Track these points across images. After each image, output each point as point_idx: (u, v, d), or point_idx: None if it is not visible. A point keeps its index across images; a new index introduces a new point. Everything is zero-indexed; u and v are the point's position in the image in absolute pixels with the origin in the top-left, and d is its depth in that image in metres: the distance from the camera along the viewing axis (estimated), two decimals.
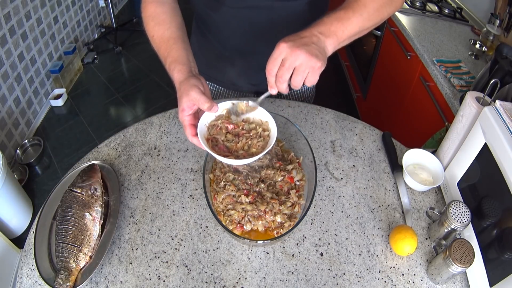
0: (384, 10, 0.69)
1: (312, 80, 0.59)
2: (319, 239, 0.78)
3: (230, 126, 0.71)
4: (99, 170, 0.81)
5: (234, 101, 0.72)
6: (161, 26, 0.76)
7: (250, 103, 0.71)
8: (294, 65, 0.57)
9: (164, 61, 0.73)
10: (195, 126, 0.66)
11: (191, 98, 0.63)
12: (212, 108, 0.65)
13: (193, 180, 0.87)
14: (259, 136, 0.71)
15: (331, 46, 0.62)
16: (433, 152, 0.92)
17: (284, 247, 0.76)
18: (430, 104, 1.49)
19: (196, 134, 0.65)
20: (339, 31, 0.63)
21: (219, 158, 0.65)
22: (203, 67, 0.74)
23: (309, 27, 0.62)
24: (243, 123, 0.72)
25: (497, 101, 0.69)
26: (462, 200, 0.77)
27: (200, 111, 0.68)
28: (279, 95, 1.13)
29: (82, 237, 0.71)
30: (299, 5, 0.84)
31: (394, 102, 1.92)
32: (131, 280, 0.70)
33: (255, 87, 1.09)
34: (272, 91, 0.62)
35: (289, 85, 0.61)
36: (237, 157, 0.68)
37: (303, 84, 0.60)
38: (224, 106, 0.72)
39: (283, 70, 0.58)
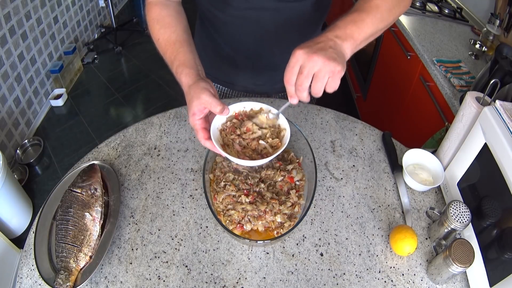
0: (395, 10, 0.68)
1: (334, 85, 0.57)
2: (319, 239, 0.78)
3: (243, 129, 0.71)
4: (99, 170, 0.81)
5: (246, 104, 0.72)
6: (167, 29, 0.75)
7: (271, 115, 0.70)
8: (313, 71, 0.55)
9: (171, 65, 0.72)
10: (206, 129, 0.66)
11: (203, 101, 0.63)
12: (224, 111, 0.64)
13: (193, 180, 0.87)
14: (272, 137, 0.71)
15: (348, 49, 0.60)
16: (433, 152, 0.92)
17: (284, 247, 0.76)
18: (430, 104, 1.49)
19: (209, 138, 0.65)
20: (355, 34, 0.61)
21: (234, 160, 0.65)
22: (207, 68, 0.74)
23: (324, 32, 0.61)
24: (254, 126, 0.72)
25: (497, 101, 0.69)
26: (462, 200, 0.77)
27: (210, 114, 0.68)
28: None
29: (82, 237, 0.71)
30: (304, 6, 0.84)
31: (394, 102, 1.92)
32: (131, 280, 0.70)
33: (259, 88, 1.09)
34: (293, 100, 0.60)
35: (309, 93, 0.59)
36: (250, 158, 0.68)
37: (324, 90, 0.58)
38: (235, 108, 0.71)
39: (302, 78, 0.56)
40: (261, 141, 0.70)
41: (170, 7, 0.79)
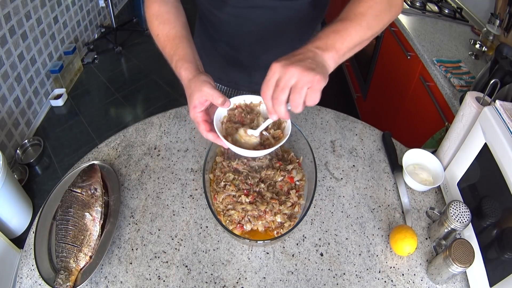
0: (383, 16, 0.65)
1: (313, 97, 0.54)
2: (319, 239, 0.78)
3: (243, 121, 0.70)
4: (99, 170, 0.81)
5: (246, 97, 0.71)
6: (166, 25, 0.76)
7: (249, 131, 0.68)
8: (290, 84, 0.53)
9: (170, 60, 0.73)
10: (208, 122, 0.66)
11: (204, 93, 0.63)
12: (225, 103, 0.64)
13: (193, 180, 0.87)
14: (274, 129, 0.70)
15: (330, 60, 0.58)
16: (433, 152, 0.92)
17: (284, 247, 0.76)
18: (430, 104, 1.49)
19: (211, 130, 0.65)
20: (338, 44, 0.59)
21: (238, 150, 0.64)
22: (206, 67, 0.74)
23: (305, 44, 0.59)
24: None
25: (497, 101, 0.69)
26: (462, 200, 0.77)
27: (210, 107, 0.68)
28: None
29: (82, 237, 0.71)
30: (302, 5, 0.85)
31: (394, 102, 1.92)
32: (131, 280, 0.70)
33: (258, 86, 1.09)
34: (273, 117, 0.58)
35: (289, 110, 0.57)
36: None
37: (304, 104, 0.55)
38: (235, 102, 0.71)
39: (278, 90, 0.54)
40: (264, 132, 0.69)
41: (169, 3, 0.80)
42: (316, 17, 0.92)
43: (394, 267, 0.74)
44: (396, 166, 0.90)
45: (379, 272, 0.73)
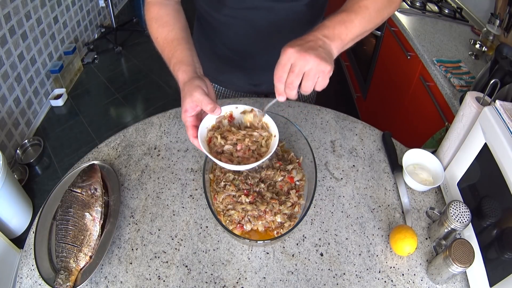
0: (384, 11, 0.68)
1: (323, 84, 0.58)
2: (319, 239, 0.78)
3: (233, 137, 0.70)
4: (99, 170, 0.81)
5: (238, 105, 0.71)
6: (165, 27, 0.76)
7: (257, 112, 0.69)
8: (304, 70, 0.56)
9: (169, 63, 0.72)
10: (197, 127, 0.66)
11: (195, 99, 0.63)
12: (215, 111, 0.64)
13: (193, 180, 0.87)
14: (260, 145, 0.70)
15: (336, 49, 0.61)
16: (433, 152, 0.92)
17: (284, 247, 0.76)
18: (430, 104, 1.49)
19: (198, 136, 0.65)
20: (343, 34, 0.62)
21: (219, 162, 0.65)
22: (205, 68, 0.74)
23: (312, 30, 0.61)
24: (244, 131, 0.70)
25: (497, 101, 0.69)
26: (462, 200, 0.77)
27: (203, 112, 0.68)
28: None
29: (82, 237, 0.71)
30: (299, 6, 0.85)
31: (394, 102, 1.92)
32: (131, 280, 0.70)
33: (256, 88, 1.09)
34: (280, 98, 0.60)
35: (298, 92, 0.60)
36: (238, 162, 0.68)
37: (313, 89, 0.59)
38: (227, 110, 0.71)
39: (293, 76, 0.57)
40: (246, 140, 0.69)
41: (169, 6, 0.79)
42: (314, 18, 0.93)
43: (394, 267, 0.74)
44: (396, 166, 0.90)
45: (379, 272, 0.73)
